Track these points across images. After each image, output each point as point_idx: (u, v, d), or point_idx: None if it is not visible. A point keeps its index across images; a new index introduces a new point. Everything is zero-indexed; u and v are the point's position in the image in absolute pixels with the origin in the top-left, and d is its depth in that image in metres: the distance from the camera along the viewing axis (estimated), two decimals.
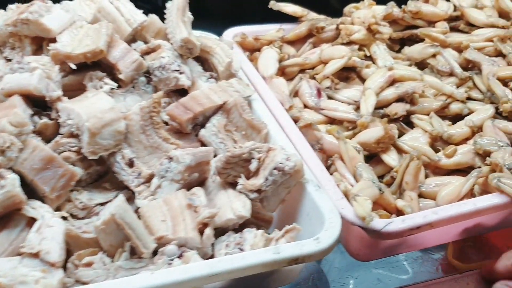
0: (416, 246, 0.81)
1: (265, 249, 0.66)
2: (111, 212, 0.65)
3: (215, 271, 0.62)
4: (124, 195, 0.79)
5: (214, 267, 0.63)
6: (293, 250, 0.66)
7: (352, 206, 0.74)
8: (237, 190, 0.76)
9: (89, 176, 0.79)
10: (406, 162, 0.84)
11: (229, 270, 0.63)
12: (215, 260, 0.64)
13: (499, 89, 0.97)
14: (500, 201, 0.77)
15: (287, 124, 0.89)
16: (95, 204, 0.76)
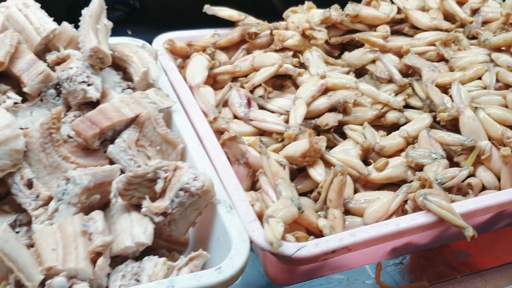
0: (340, 268, 0.75)
1: (157, 283, 0.60)
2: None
3: None
4: (24, 218, 0.73)
5: None
6: (190, 283, 0.60)
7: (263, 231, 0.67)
8: (142, 213, 0.69)
9: None
10: (330, 177, 0.78)
11: None
12: None
13: (437, 96, 0.92)
14: (426, 220, 0.72)
15: (207, 138, 0.82)
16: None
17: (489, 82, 0.95)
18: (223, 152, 0.80)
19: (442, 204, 0.72)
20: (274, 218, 0.68)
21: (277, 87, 1.00)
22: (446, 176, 0.80)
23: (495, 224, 0.85)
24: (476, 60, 0.99)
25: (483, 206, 0.74)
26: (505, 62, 0.96)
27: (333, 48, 1.09)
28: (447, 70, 1.01)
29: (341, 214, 0.77)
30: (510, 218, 0.85)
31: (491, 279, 0.76)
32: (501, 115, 0.88)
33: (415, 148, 0.86)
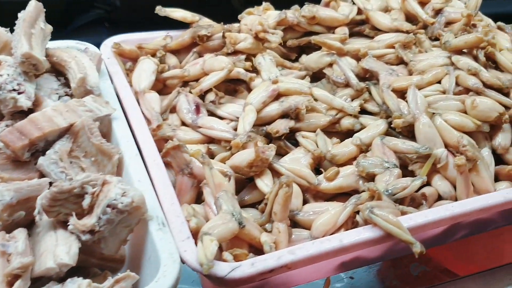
0: (284, 285, 0.70)
1: None
2: None
3: None
4: None
5: None
6: None
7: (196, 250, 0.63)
8: (68, 230, 0.64)
9: None
10: (275, 189, 0.73)
11: None
12: None
13: (392, 102, 0.88)
14: (372, 235, 0.67)
15: (147, 147, 0.78)
16: None
17: (448, 86, 0.91)
18: (163, 163, 0.76)
19: (389, 218, 0.68)
20: (208, 236, 0.64)
21: (230, 91, 0.96)
22: (397, 187, 0.76)
23: (451, 235, 0.81)
24: (436, 63, 0.95)
25: (434, 219, 0.70)
26: (465, 65, 0.92)
27: (290, 50, 1.05)
28: (406, 73, 0.96)
29: (286, 228, 0.72)
30: (466, 229, 0.81)
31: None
32: (458, 121, 0.84)
33: (367, 156, 0.81)
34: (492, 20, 1.11)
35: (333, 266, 0.73)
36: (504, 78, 0.91)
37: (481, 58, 0.94)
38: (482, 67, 0.92)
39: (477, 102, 0.85)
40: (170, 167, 0.80)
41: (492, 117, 0.85)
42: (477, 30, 0.98)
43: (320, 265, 0.70)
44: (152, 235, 0.64)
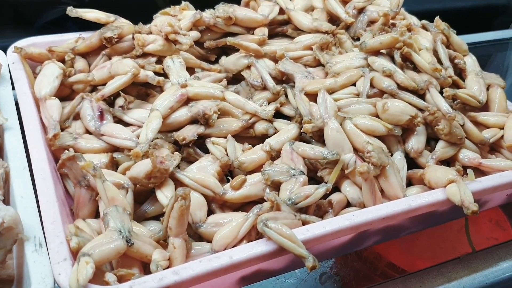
0: None
1: None
2: None
3: None
4: None
5: None
6: None
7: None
8: None
9: None
10: (171, 202, 0.68)
11: None
12: None
13: (303, 106, 0.83)
14: (266, 249, 0.63)
15: (37, 160, 0.72)
16: None
17: (362, 89, 0.87)
18: (50, 177, 0.70)
19: (282, 231, 0.63)
20: (86, 257, 0.58)
21: (141, 95, 0.90)
22: (300, 196, 0.71)
23: (361, 243, 0.77)
24: (352, 64, 0.91)
25: (332, 230, 0.66)
26: (380, 66, 0.88)
27: (210, 52, 0.99)
28: (323, 76, 0.92)
29: (182, 243, 0.67)
30: (377, 236, 0.78)
31: None
32: (369, 126, 0.80)
33: (273, 164, 0.77)
34: (416, 18, 1.08)
35: (232, 281, 0.68)
36: (419, 79, 0.88)
37: (397, 59, 0.90)
38: (397, 68, 0.88)
39: (388, 105, 0.82)
40: (69, 179, 0.75)
41: (403, 120, 0.82)
42: (396, 30, 0.95)
43: (216, 282, 0.66)
44: (27, 257, 0.59)
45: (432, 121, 0.84)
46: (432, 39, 0.99)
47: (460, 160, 0.84)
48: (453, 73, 0.94)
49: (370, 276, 0.88)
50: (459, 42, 1.00)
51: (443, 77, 0.90)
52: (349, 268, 0.87)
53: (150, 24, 0.93)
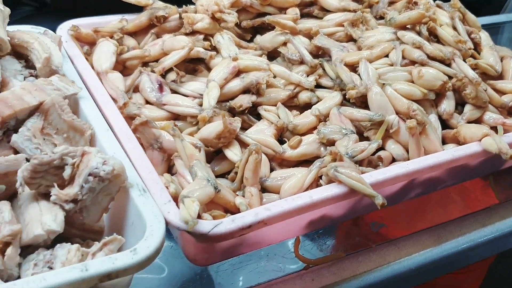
0: (258, 244, 0.78)
1: (70, 267, 0.60)
2: None
3: None
4: None
5: None
6: (104, 265, 0.61)
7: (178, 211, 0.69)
8: (51, 201, 0.69)
9: None
10: (245, 157, 0.81)
11: None
12: (10, 284, 0.57)
13: (346, 75, 0.97)
14: (338, 192, 0.76)
15: (117, 123, 0.83)
16: None
17: (395, 59, 1.01)
18: (135, 136, 0.81)
19: (352, 175, 0.77)
20: (189, 198, 0.70)
21: (189, 71, 1.02)
22: (356, 150, 0.85)
23: (405, 194, 0.91)
24: (383, 38, 1.06)
25: (391, 176, 0.80)
26: (410, 39, 1.03)
27: (245, 31, 1.12)
28: (355, 49, 1.06)
29: (257, 192, 0.80)
30: (419, 188, 0.91)
31: (404, 246, 0.82)
32: (407, 90, 0.95)
33: (326, 125, 0.90)
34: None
35: (302, 225, 0.81)
36: (445, 50, 1.03)
37: (424, 33, 1.05)
38: (425, 41, 1.03)
39: (423, 72, 0.96)
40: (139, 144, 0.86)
41: (436, 85, 0.96)
42: (419, 7, 1.10)
43: (290, 225, 0.79)
44: (134, 201, 0.70)
45: (460, 86, 0.99)
46: (450, 16, 1.14)
47: (485, 121, 0.99)
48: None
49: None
50: (473, 19, 1.16)
51: (464, 49, 1.06)
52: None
53: (195, 4, 1.06)
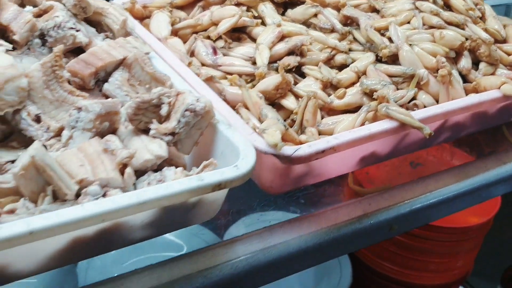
0: (321, 176, 0.90)
1: (189, 178, 0.71)
2: (31, 155, 0.67)
3: (143, 199, 0.67)
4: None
5: (141, 196, 0.67)
6: (215, 176, 0.72)
7: (263, 139, 0.81)
8: (150, 136, 0.81)
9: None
10: (304, 102, 0.94)
11: (157, 198, 0.68)
12: (142, 190, 0.68)
13: (377, 38, 1.11)
14: (390, 126, 0.90)
15: (189, 76, 0.95)
16: (5, 161, 0.77)
17: (417, 25, 1.17)
18: (207, 85, 0.93)
19: (402, 111, 0.91)
20: (269, 129, 0.83)
21: (234, 39, 1.15)
22: (397, 96, 0.99)
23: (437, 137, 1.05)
24: (403, 8, 1.21)
25: (431, 114, 0.94)
26: (428, 8, 1.19)
27: (277, 6, 1.26)
28: (379, 18, 1.21)
29: (317, 131, 0.93)
30: (448, 132, 1.06)
31: (441, 178, 0.96)
32: (431, 49, 1.10)
33: (367, 77, 1.04)
34: None
35: (355, 161, 0.94)
36: (459, 17, 1.18)
37: (439, 2, 1.21)
38: (440, 9, 1.19)
39: (443, 33, 1.11)
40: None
41: (456, 45, 1.12)
42: None
43: (346, 160, 0.92)
44: (223, 133, 0.82)
45: (475, 46, 1.14)
46: None
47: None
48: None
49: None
50: None
51: (474, 16, 1.21)
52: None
53: None
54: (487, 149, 1.07)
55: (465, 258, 2.01)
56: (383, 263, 1.98)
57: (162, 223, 0.75)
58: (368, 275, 2.02)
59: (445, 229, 1.86)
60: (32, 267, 0.67)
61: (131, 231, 0.73)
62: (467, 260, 2.04)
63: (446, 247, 1.92)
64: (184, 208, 0.75)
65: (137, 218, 0.71)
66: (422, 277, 1.97)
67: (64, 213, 0.63)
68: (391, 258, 1.96)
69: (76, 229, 0.63)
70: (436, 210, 0.93)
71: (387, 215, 0.87)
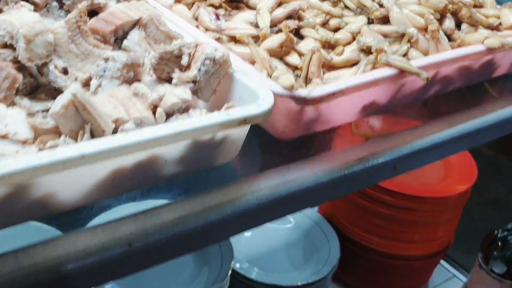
0: (327, 123, 0.97)
1: (218, 113, 0.77)
2: (72, 92, 0.72)
3: (180, 130, 0.73)
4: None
5: (178, 127, 0.73)
6: (241, 112, 0.79)
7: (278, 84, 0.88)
8: (173, 84, 0.86)
9: (24, 87, 0.84)
10: (309, 56, 1.01)
11: (192, 129, 0.74)
12: (178, 122, 0.74)
13: (369, 2, 1.20)
14: (391, 72, 0.97)
15: (200, 35, 1.01)
16: (35, 111, 0.82)
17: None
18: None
19: (401, 59, 0.99)
20: (282, 76, 0.90)
21: (233, 8, 1.21)
22: (393, 50, 1.07)
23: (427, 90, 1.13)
24: None
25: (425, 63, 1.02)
26: None
27: None
28: None
29: (321, 82, 1.00)
30: (438, 86, 1.14)
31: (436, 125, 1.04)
32: (419, 11, 1.18)
33: (363, 35, 1.12)
34: None
35: (358, 110, 1.01)
36: None
37: None
38: None
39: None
40: None
41: (440, 7, 1.20)
42: None
43: (349, 108, 0.99)
44: (241, 80, 0.88)
45: (457, 9, 1.23)
46: None
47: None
48: None
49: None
50: None
51: None
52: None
53: None
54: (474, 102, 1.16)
55: (446, 228, 2.10)
56: (370, 237, 2.06)
57: (191, 159, 0.80)
58: (355, 250, 2.09)
59: (426, 199, 1.95)
60: (76, 197, 0.72)
61: (164, 165, 0.78)
62: (448, 230, 2.14)
63: (427, 217, 2.01)
64: (210, 146, 0.81)
65: (170, 152, 0.77)
66: (407, 248, 2.06)
67: (112, 139, 0.68)
68: (377, 232, 2.04)
69: (121, 155, 0.69)
70: (434, 153, 1.01)
71: (390, 155, 0.95)
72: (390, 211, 1.97)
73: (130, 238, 0.70)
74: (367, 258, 2.08)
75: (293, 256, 2.03)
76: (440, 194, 1.96)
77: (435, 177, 2.08)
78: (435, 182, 2.04)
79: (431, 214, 2.01)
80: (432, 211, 2.00)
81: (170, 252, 0.74)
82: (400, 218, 1.98)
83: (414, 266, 2.11)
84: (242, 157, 0.90)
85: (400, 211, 1.97)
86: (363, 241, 2.06)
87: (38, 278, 0.64)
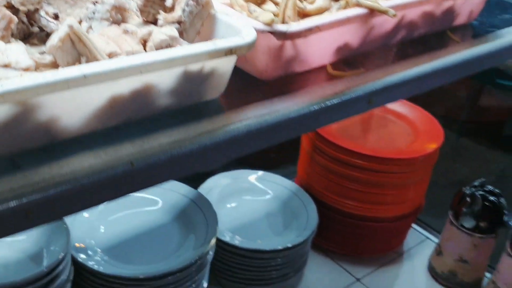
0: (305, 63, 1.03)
1: (205, 43, 0.83)
2: (68, 24, 0.76)
3: (171, 56, 0.78)
4: None
5: (170, 54, 0.78)
6: (227, 43, 0.84)
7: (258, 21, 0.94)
8: (158, 25, 0.91)
9: (18, 32, 0.87)
10: (284, 2, 1.06)
11: (182, 56, 0.79)
12: (169, 50, 0.79)
13: None
14: (362, 12, 1.04)
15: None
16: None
17: None
18: None
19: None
20: (262, 14, 0.95)
21: None
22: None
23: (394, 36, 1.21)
24: None
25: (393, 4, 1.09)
26: None
27: None
28: None
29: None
30: (404, 31, 1.22)
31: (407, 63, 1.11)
32: None
33: None
34: None
35: (332, 51, 1.08)
36: None
37: None
38: None
39: None
40: None
41: None
42: None
43: (324, 49, 1.05)
44: (223, 20, 0.93)
45: None
46: None
47: None
48: None
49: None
50: None
51: None
52: None
53: None
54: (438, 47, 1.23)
55: (416, 190, 2.19)
56: (345, 201, 2.13)
57: (182, 91, 0.85)
58: (332, 215, 2.16)
59: (395, 161, 2.03)
60: (78, 124, 0.76)
61: (158, 96, 0.83)
62: (419, 192, 2.22)
63: (398, 179, 2.09)
64: (199, 78, 0.86)
65: (163, 82, 0.81)
66: (380, 210, 2.14)
67: (110, 62, 0.73)
68: (351, 195, 2.11)
69: (120, 77, 0.73)
70: (405, 88, 1.08)
71: (365, 90, 1.01)
72: (363, 174, 2.04)
73: (132, 158, 0.75)
74: (343, 222, 2.15)
75: (273, 224, 2.09)
76: (409, 155, 2.05)
77: (405, 141, 2.17)
78: (404, 146, 2.13)
79: (402, 176, 2.09)
80: (402, 172, 2.08)
81: (169, 172, 0.79)
82: (372, 181, 2.05)
83: (388, 228, 2.19)
84: (228, 96, 0.95)
85: (372, 174, 2.04)
86: (339, 205, 2.13)
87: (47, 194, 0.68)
